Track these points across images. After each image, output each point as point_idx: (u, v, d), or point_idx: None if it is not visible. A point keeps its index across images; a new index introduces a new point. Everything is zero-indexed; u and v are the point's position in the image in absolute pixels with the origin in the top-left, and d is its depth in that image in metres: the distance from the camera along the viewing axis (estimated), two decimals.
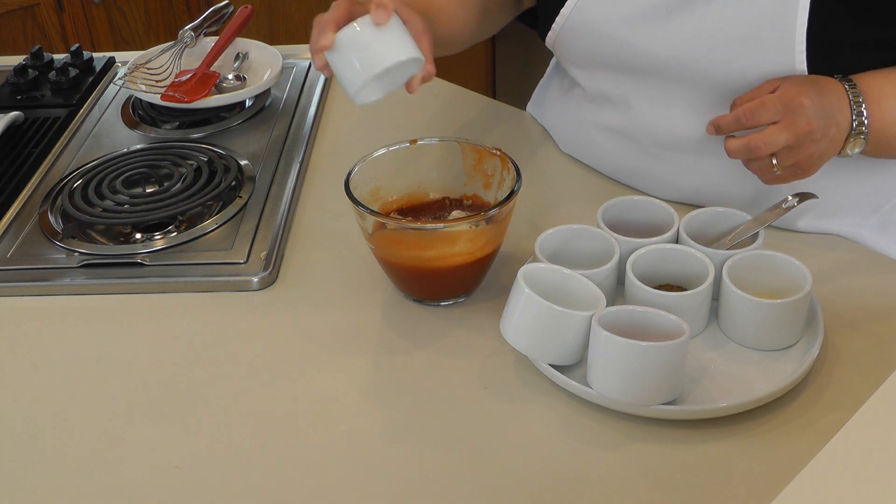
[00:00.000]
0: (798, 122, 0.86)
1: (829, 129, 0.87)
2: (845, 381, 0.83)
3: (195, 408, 0.84)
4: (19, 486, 0.78)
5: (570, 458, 0.77)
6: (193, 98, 1.23)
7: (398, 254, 0.90)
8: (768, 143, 0.86)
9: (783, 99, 0.86)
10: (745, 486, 0.74)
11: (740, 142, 0.88)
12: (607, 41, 0.99)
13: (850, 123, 0.88)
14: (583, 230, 0.91)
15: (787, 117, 0.86)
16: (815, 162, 0.89)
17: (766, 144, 0.86)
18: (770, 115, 0.86)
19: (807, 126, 0.86)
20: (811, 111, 0.86)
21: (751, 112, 0.87)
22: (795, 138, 0.86)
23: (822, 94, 0.87)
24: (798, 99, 0.86)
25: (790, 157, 0.88)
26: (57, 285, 0.99)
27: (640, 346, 0.76)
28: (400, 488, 0.76)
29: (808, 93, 0.86)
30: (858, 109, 0.88)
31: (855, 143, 0.89)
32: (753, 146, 0.87)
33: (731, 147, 0.89)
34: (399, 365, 0.88)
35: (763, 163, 0.89)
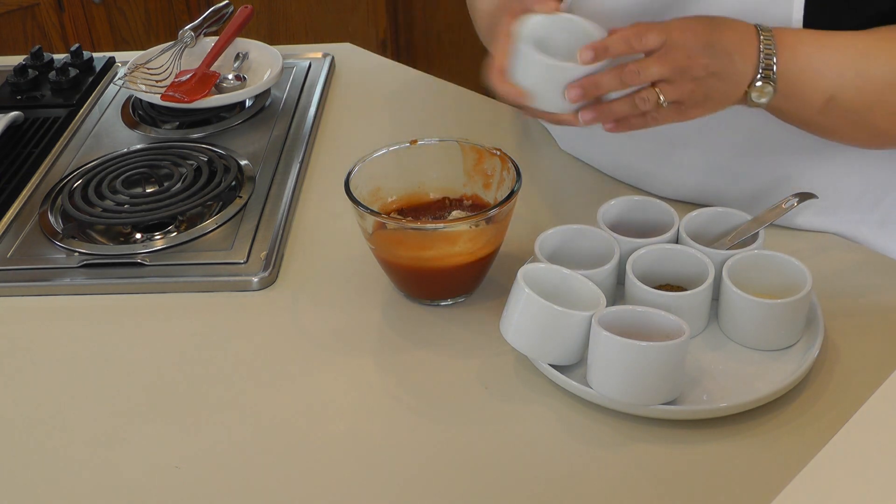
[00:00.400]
0: (675, 54, 0.82)
1: (722, 70, 0.82)
2: (845, 381, 0.83)
3: (195, 408, 0.84)
4: (19, 486, 0.78)
5: (570, 458, 0.77)
6: (193, 98, 1.23)
7: (398, 254, 0.90)
8: (641, 72, 0.82)
9: (665, 31, 0.83)
10: (745, 486, 0.74)
11: (613, 71, 0.83)
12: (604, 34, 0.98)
13: (756, 67, 0.83)
14: (583, 230, 0.91)
15: (666, 51, 0.82)
16: (700, 102, 0.84)
17: (638, 73, 0.82)
18: (652, 43, 0.82)
19: (686, 61, 0.82)
20: (692, 45, 0.82)
21: (635, 35, 0.83)
22: (673, 70, 0.82)
23: (715, 30, 0.83)
24: (677, 33, 0.82)
25: (672, 93, 0.83)
26: (57, 285, 0.99)
27: (640, 346, 0.76)
28: (400, 488, 0.76)
29: (695, 28, 0.83)
30: (767, 52, 0.83)
31: (761, 91, 0.84)
32: (627, 73, 0.82)
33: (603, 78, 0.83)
34: (399, 365, 0.88)
35: (647, 94, 0.83)
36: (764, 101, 0.85)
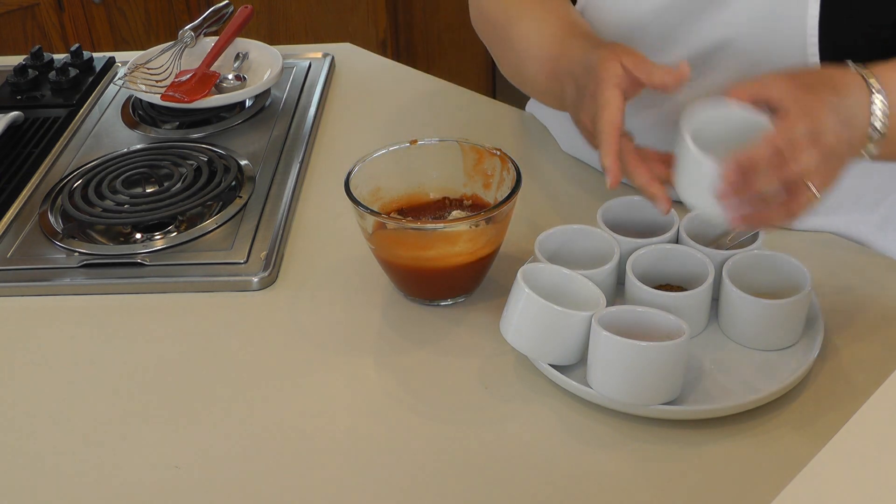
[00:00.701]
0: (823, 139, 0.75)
1: (849, 136, 0.77)
2: (845, 381, 0.83)
3: (195, 408, 0.84)
4: (19, 486, 0.78)
5: (570, 458, 0.77)
6: (193, 98, 1.23)
7: (398, 254, 0.90)
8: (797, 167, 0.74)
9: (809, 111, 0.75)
10: (745, 486, 0.74)
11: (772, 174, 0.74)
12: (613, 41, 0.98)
13: (868, 124, 0.78)
14: (583, 230, 0.91)
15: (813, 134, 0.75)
16: (837, 178, 0.78)
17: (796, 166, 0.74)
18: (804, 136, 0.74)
19: (832, 141, 0.75)
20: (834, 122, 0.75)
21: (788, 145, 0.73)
22: (823, 158, 0.75)
23: (840, 94, 0.77)
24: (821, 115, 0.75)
25: (821, 179, 0.76)
26: (57, 285, 0.99)
27: (641, 346, 0.76)
28: (400, 488, 0.76)
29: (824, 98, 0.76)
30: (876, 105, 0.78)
31: (871, 145, 0.79)
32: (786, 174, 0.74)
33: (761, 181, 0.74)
34: (399, 365, 0.88)
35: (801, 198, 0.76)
36: (873, 153, 0.80)
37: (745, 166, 0.74)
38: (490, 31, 1.07)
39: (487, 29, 1.08)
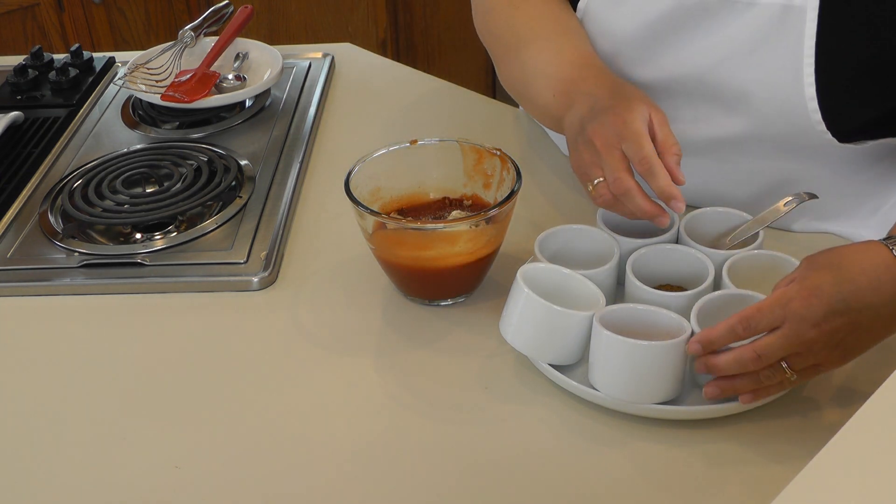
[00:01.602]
0: (798, 329, 0.72)
1: (861, 322, 0.73)
2: (845, 381, 0.83)
3: (195, 408, 0.84)
4: (19, 486, 0.78)
5: (570, 457, 0.77)
6: (193, 98, 1.23)
7: (398, 254, 0.90)
8: (762, 356, 0.73)
9: (782, 300, 0.73)
10: (745, 487, 0.74)
11: (727, 357, 0.75)
12: (613, 58, 0.98)
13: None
14: (583, 230, 0.91)
15: (789, 323, 0.72)
16: (843, 357, 0.75)
17: (759, 357, 0.73)
18: (768, 322, 0.73)
19: (813, 332, 0.72)
20: (817, 314, 0.71)
21: (746, 319, 0.73)
22: (798, 347, 0.73)
23: (843, 283, 0.72)
24: (802, 303, 0.72)
25: (802, 363, 0.74)
26: (57, 285, 0.99)
27: (642, 345, 0.76)
28: (400, 488, 0.76)
29: (820, 291, 0.72)
30: None
31: None
32: (744, 360, 0.74)
33: (718, 362, 0.75)
34: (399, 365, 0.88)
35: (770, 372, 0.75)
36: None
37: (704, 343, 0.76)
38: (495, 45, 1.06)
39: (492, 42, 1.07)
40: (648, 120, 0.85)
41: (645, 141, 0.83)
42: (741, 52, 0.91)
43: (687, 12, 0.92)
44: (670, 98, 0.97)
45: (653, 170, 0.82)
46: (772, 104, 0.91)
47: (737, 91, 0.93)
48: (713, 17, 0.91)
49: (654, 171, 0.82)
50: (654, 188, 0.82)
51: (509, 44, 1.03)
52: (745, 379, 0.76)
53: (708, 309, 0.81)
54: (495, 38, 1.05)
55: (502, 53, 1.04)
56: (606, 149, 0.84)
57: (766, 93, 0.91)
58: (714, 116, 0.96)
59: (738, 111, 0.94)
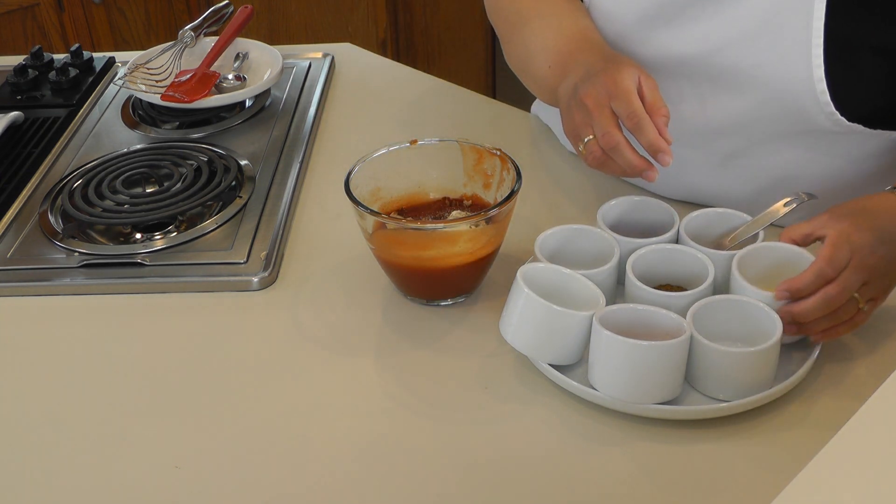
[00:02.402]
0: (866, 259, 0.80)
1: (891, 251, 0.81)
2: (845, 381, 0.83)
3: (195, 408, 0.84)
4: (19, 486, 0.78)
5: (571, 457, 0.77)
6: (193, 98, 1.23)
7: (398, 254, 0.90)
8: (847, 288, 0.80)
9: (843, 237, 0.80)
10: (745, 486, 0.74)
11: (814, 300, 0.80)
12: (619, 41, 0.98)
13: None
14: (583, 230, 0.91)
15: (855, 254, 0.80)
16: (888, 290, 0.84)
17: (845, 290, 0.80)
18: (843, 258, 0.80)
19: (875, 259, 0.80)
20: (872, 242, 0.80)
21: (829, 260, 0.80)
22: (869, 275, 0.80)
23: (877, 217, 0.82)
24: (858, 233, 0.80)
25: (869, 293, 0.82)
26: (57, 285, 0.99)
27: (642, 345, 0.76)
28: (400, 488, 0.76)
29: (861, 223, 0.81)
30: None
31: None
32: (831, 296, 0.80)
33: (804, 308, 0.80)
34: (399, 365, 0.88)
35: (846, 307, 0.81)
36: None
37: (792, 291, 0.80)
38: (501, 24, 1.09)
39: (498, 21, 1.10)
40: (638, 82, 0.86)
41: (633, 98, 0.85)
42: (748, 33, 0.90)
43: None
44: (675, 81, 0.97)
45: (641, 124, 0.84)
46: (779, 86, 0.91)
47: (743, 73, 0.92)
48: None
49: (643, 125, 0.84)
50: (643, 142, 0.84)
51: (514, 22, 1.05)
52: (824, 320, 0.81)
53: (704, 311, 0.81)
54: (502, 17, 1.08)
55: (507, 32, 1.06)
56: (597, 108, 0.86)
57: (773, 74, 0.90)
58: (720, 100, 0.96)
59: (744, 94, 0.93)
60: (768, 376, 0.80)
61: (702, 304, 0.81)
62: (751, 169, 0.99)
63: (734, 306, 0.82)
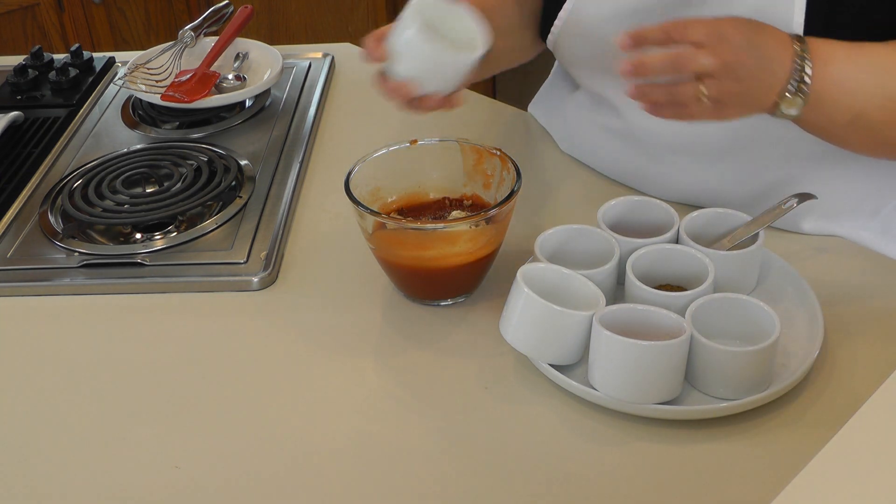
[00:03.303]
0: (724, 49, 0.80)
1: (761, 74, 0.82)
2: (845, 381, 0.83)
3: (195, 408, 0.84)
4: (19, 486, 0.78)
5: (571, 457, 0.77)
6: (193, 98, 1.23)
7: (398, 254, 0.90)
8: (695, 61, 0.80)
9: (716, 25, 0.81)
10: (745, 486, 0.74)
11: (664, 54, 0.81)
12: (606, 42, 0.98)
13: (789, 77, 0.82)
14: (583, 230, 0.91)
15: (714, 42, 0.80)
16: (736, 102, 0.83)
17: (691, 61, 0.80)
18: (699, 35, 0.80)
19: (733, 56, 0.80)
20: (740, 44, 0.81)
21: (681, 26, 0.81)
22: (721, 65, 0.80)
23: (758, 34, 0.83)
24: (728, 29, 0.81)
25: (713, 88, 0.81)
26: (57, 285, 0.99)
27: (642, 345, 0.76)
28: (400, 488, 0.76)
29: (743, 28, 0.82)
30: (801, 65, 0.82)
31: (792, 103, 0.83)
32: (676, 58, 0.81)
33: (654, 60, 0.82)
34: (399, 365, 0.88)
35: (689, 88, 0.82)
36: (793, 113, 0.84)
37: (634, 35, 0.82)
38: None
39: None
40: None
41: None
42: None
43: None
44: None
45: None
46: None
47: None
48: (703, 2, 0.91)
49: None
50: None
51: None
52: (660, 89, 0.83)
53: (704, 310, 0.81)
54: None
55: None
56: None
57: None
58: None
59: None
60: (768, 375, 0.80)
61: (701, 303, 0.81)
62: (747, 170, 0.99)
63: (733, 305, 0.82)
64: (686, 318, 0.79)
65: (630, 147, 1.05)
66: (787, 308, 0.88)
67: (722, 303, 0.82)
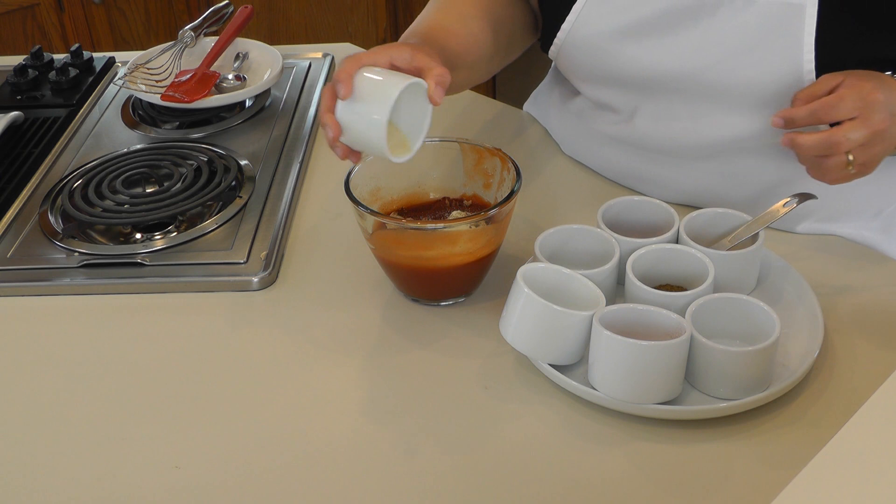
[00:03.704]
0: (874, 117, 0.83)
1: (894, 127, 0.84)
2: (845, 381, 0.83)
3: (195, 408, 0.84)
4: (19, 486, 0.78)
5: (571, 457, 0.77)
6: (193, 98, 1.23)
7: (398, 254, 0.90)
8: (849, 139, 0.82)
9: (860, 94, 0.83)
10: (745, 486, 0.74)
11: (817, 136, 0.83)
12: (610, 55, 0.98)
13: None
14: (583, 230, 0.91)
15: (864, 113, 0.83)
16: (878, 160, 0.86)
17: (846, 140, 0.82)
18: (849, 111, 0.83)
19: (881, 123, 0.83)
20: (885, 108, 0.83)
21: (829, 106, 0.83)
22: (872, 135, 0.83)
23: (890, 90, 0.84)
24: (874, 94, 0.83)
25: (862, 155, 0.84)
26: (57, 285, 0.99)
27: (642, 345, 0.76)
28: (400, 488, 0.76)
29: (880, 89, 0.83)
30: None
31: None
32: (833, 142, 0.83)
33: (805, 142, 0.84)
34: (399, 365, 0.88)
35: (837, 160, 0.84)
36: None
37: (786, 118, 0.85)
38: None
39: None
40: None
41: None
42: (740, 49, 0.91)
43: (685, 9, 0.92)
44: (667, 96, 0.97)
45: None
46: (772, 100, 0.91)
47: (735, 89, 0.93)
48: (712, 14, 0.91)
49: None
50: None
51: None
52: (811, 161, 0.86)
53: (704, 310, 0.81)
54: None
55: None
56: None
57: (765, 90, 0.91)
58: (713, 115, 0.96)
59: (737, 109, 0.94)
60: (768, 375, 0.80)
61: (701, 303, 0.81)
62: (748, 175, 0.99)
63: (733, 305, 0.82)
64: (686, 318, 0.79)
65: (631, 150, 1.05)
66: (787, 308, 0.88)
67: (722, 303, 0.82)
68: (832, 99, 0.83)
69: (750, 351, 0.78)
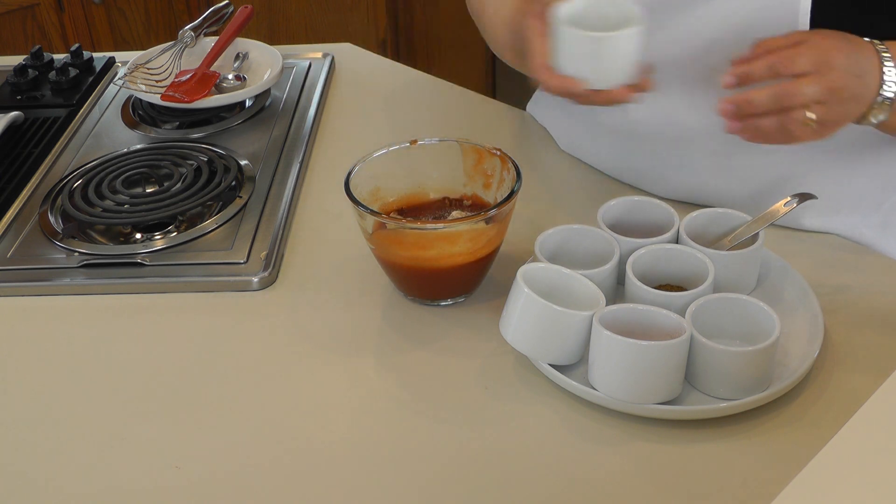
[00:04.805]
0: (830, 74, 0.81)
1: (860, 90, 0.83)
2: (845, 381, 0.83)
3: (195, 408, 0.84)
4: (19, 486, 0.78)
5: (570, 458, 0.77)
6: (193, 98, 1.23)
7: (398, 254, 0.90)
8: (803, 93, 0.81)
9: (819, 50, 0.81)
10: (745, 486, 0.74)
11: (770, 89, 0.81)
12: None
13: (879, 87, 0.83)
14: (583, 230, 0.91)
15: (821, 69, 0.81)
16: (839, 121, 0.84)
17: (801, 93, 0.80)
18: (805, 64, 0.81)
19: (837, 80, 0.81)
20: (844, 67, 0.81)
21: (787, 59, 0.81)
22: (827, 91, 0.81)
23: (854, 51, 0.83)
24: (832, 53, 0.81)
25: (821, 113, 0.82)
26: (57, 285, 0.99)
27: (642, 345, 0.76)
28: (400, 488, 0.76)
29: (842, 48, 0.82)
30: (889, 74, 0.83)
31: (879, 110, 0.84)
32: (787, 92, 0.81)
33: (759, 96, 0.82)
34: (399, 365, 0.88)
35: (797, 116, 0.81)
36: (881, 119, 0.85)
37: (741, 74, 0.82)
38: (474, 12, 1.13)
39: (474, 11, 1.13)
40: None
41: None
42: (735, 31, 0.91)
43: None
44: (666, 82, 0.97)
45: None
46: None
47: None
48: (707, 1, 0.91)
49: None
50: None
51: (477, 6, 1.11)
52: (770, 120, 0.82)
53: (704, 310, 0.81)
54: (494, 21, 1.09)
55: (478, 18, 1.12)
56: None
57: None
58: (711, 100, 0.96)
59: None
60: (767, 375, 0.80)
61: (701, 303, 0.81)
62: (748, 168, 0.99)
63: (733, 305, 0.82)
64: (686, 318, 0.79)
65: (630, 142, 1.05)
66: (787, 308, 0.88)
67: (722, 303, 0.82)
68: (790, 52, 0.82)
69: (750, 351, 0.78)
